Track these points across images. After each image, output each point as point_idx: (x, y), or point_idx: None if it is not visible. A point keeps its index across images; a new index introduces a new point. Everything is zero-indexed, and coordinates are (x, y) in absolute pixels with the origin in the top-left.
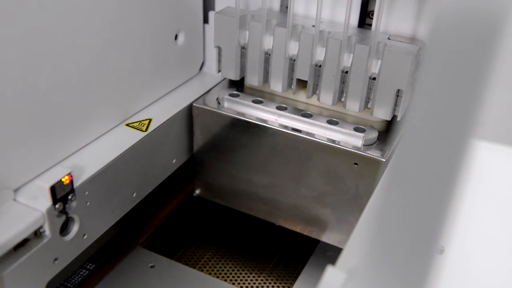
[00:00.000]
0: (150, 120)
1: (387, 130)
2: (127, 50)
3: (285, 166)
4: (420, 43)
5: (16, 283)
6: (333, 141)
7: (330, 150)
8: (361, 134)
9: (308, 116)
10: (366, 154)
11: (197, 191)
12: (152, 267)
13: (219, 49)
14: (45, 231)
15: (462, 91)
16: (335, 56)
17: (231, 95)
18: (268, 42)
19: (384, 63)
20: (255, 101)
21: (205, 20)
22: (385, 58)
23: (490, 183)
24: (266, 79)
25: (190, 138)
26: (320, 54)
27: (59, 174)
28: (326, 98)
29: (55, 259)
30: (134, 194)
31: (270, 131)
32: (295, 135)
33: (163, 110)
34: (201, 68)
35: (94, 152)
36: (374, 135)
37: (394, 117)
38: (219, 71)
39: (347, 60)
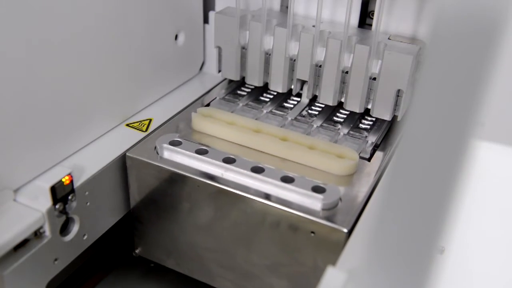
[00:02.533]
0: (150, 120)
1: (352, 186)
2: (127, 50)
3: (233, 229)
4: (420, 43)
5: (16, 283)
6: (287, 204)
7: (283, 216)
8: (320, 196)
9: (260, 171)
10: (324, 223)
11: (137, 250)
12: None
13: (219, 49)
14: (45, 231)
15: (462, 91)
16: (335, 56)
17: (172, 143)
18: (268, 42)
19: (384, 63)
20: (199, 151)
21: (205, 20)
22: (385, 58)
23: (490, 183)
24: (266, 79)
25: (126, 191)
26: (320, 54)
27: (59, 174)
28: (326, 98)
29: (55, 259)
30: None
31: (214, 189)
32: (242, 195)
33: (163, 110)
34: (201, 68)
35: (94, 152)
36: (335, 197)
37: (393, 118)
38: (219, 71)
39: (347, 60)
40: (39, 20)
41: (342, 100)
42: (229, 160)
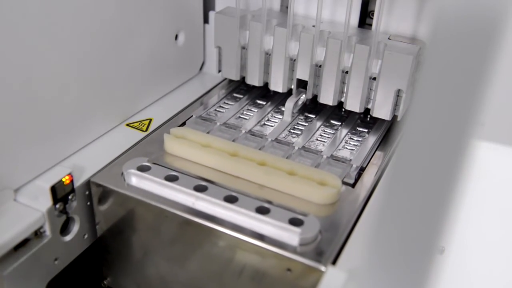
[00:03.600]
0: (150, 120)
1: (334, 216)
2: (128, 50)
3: (204, 263)
4: (420, 43)
5: (17, 283)
6: (261, 238)
7: (257, 251)
8: (298, 230)
9: (233, 200)
10: (301, 260)
11: (106, 281)
12: None
13: (219, 49)
14: (46, 231)
15: (462, 91)
16: (335, 56)
17: (140, 168)
18: (268, 42)
19: (384, 63)
20: (168, 178)
21: (205, 20)
22: (385, 58)
23: (490, 183)
24: (266, 79)
25: (93, 218)
26: (320, 54)
27: (60, 174)
28: (326, 98)
29: (55, 259)
30: None
31: (183, 220)
32: (213, 228)
33: (163, 110)
34: (201, 68)
35: (94, 152)
36: (314, 230)
37: (393, 118)
38: (219, 71)
39: (347, 60)
40: (39, 20)
41: (342, 100)
42: (200, 188)
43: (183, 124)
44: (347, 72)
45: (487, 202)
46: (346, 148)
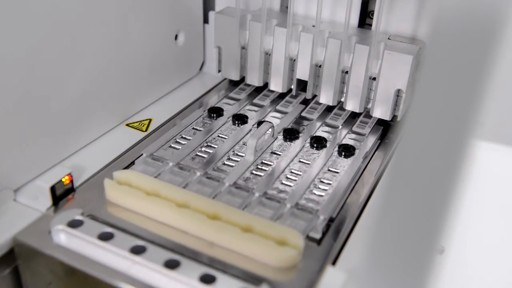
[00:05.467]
0: (150, 120)
1: (295, 282)
2: (127, 50)
3: None
4: (420, 43)
5: (17, 283)
6: None
7: None
8: None
9: (174, 265)
10: None
11: None
12: None
13: (219, 49)
14: None
15: (462, 91)
16: (335, 56)
17: (71, 223)
18: (268, 42)
19: (384, 63)
20: (102, 236)
21: (205, 20)
22: (385, 58)
23: (490, 183)
24: (266, 79)
25: (19, 284)
26: (320, 54)
27: (59, 174)
28: (326, 98)
29: None
30: None
31: None
32: None
33: (163, 110)
34: (201, 68)
35: (94, 152)
36: None
37: (393, 118)
38: (219, 71)
39: (347, 60)
40: (39, 20)
41: (342, 100)
42: (138, 250)
43: (132, 163)
44: (347, 72)
45: (487, 202)
46: (314, 193)
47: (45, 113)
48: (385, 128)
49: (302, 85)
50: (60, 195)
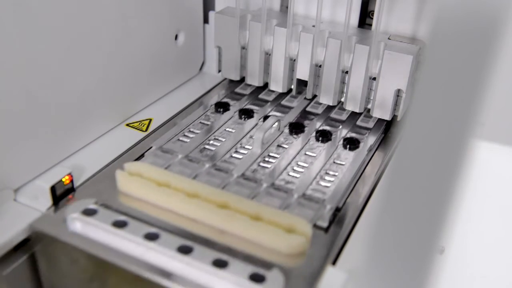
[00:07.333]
0: (150, 120)
1: (303, 268)
2: (128, 50)
3: None
4: (420, 43)
5: (16, 283)
6: None
7: None
8: (258, 287)
9: (188, 251)
10: None
11: None
12: None
13: (219, 49)
14: None
15: (462, 91)
16: (335, 56)
17: (86, 212)
18: (268, 42)
19: (384, 63)
20: (116, 224)
21: (205, 20)
22: (385, 58)
23: (490, 183)
24: (266, 79)
25: (37, 273)
26: (320, 54)
27: (59, 174)
28: (326, 98)
29: None
30: None
31: (131, 274)
32: (162, 285)
33: (163, 110)
34: (201, 68)
35: (94, 152)
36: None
37: (393, 118)
38: (219, 71)
39: (347, 60)
40: (39, 20)
41: (342, 100)
42: (151, 236)
43: (142, 156)
44: (347, 72)
45: (487, 202)
46: (320, 184)
47: (45, 113)
48: (388, 123)
49: (302, 85)
50: (60, 195)
